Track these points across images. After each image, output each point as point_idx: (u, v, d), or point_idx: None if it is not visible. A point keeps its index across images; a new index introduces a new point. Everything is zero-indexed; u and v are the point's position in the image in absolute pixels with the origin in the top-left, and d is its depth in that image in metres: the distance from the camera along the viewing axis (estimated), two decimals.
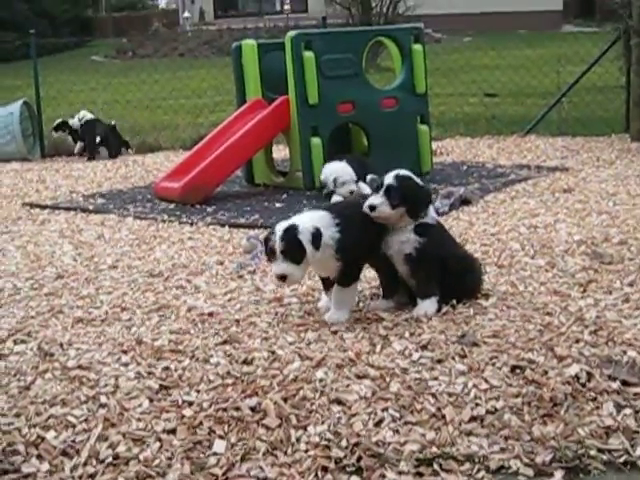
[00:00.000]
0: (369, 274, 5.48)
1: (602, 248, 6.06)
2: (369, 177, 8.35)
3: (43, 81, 14.73)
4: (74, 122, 13.00)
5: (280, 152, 10.88)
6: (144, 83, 17.92)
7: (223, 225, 7.57)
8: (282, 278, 4.71)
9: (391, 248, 4.94)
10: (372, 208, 4.88)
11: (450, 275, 4.95)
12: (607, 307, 4.91)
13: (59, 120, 13.23)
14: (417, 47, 9.40)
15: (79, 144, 13.12)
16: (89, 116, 13.09)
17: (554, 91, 13.58)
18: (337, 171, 8.34)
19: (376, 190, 4.96)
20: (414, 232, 4.90)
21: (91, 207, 8.78)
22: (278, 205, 8.41)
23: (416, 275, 4.92)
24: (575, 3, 47.44)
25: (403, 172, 5.04)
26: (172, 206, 8.56)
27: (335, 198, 8.33)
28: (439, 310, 4.90)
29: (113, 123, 13.22)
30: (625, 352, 4.29)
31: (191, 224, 7.68)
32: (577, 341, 4.45)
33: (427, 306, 4.89)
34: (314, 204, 8.24)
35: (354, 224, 4.84)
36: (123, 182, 10.50)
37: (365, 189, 8.32)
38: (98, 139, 12.89)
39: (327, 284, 5.02)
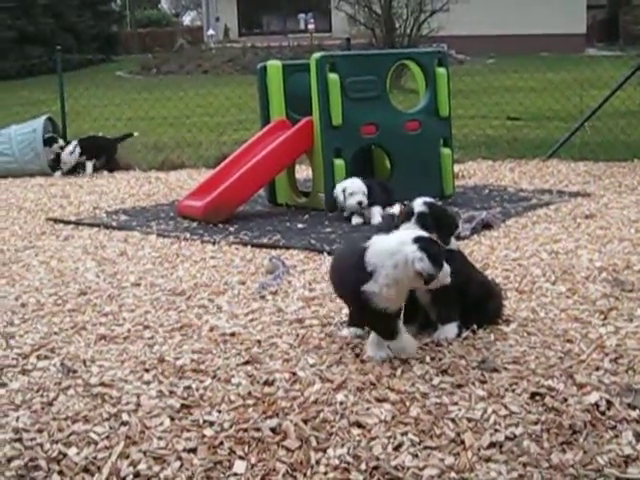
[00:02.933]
0: None
1: (623, 275, 6.05)
2: (377, 210, 8.43)
3: (68, 96, 14.86)
4: (64, 155, 13.11)
5: (302, 172, 10.93)
6: (168, 100, 18.03)
7: (245, 245, 7.60)
8: None
9: None
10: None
11: (471, 301, 4.96)
12: (628, 335, 4.90)
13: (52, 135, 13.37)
14: (441, 70, 9.44)
15: (88, 164, 13.21)
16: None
17: (577, 115, 13.60)
18: (346, 183, 8.50)
19: (406, 218, 4.98)
20: None
21: (114, 223, 8.84)
22: (300, 226, 8.44)
23: (437, 301, 4.93)
24: (599, 27, 47.48)
25: (429, 199, 5.08)
26: (195, 224, 8.61)
27: (355, 220, 8.38)
28: (459, 335, 4.91)
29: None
30: None
31: (213, 243, 7.72)
32: (597, 369, 4.45)
33: (448, 331, 4.91)
34: (336, 225, 8.29)
35: None
36: (146, 199, 10.56)
37: (376, 214, 8.38)
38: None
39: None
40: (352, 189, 8.39)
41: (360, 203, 8.34)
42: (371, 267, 4.42)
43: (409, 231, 4.66)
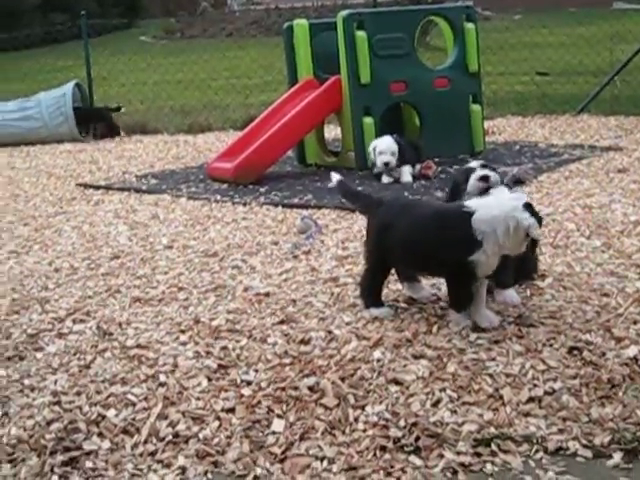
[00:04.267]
0: None
1: None
2: (407, 169, 8.41)
3: (94, 62, 14.85)
4: None
5: (331, 132, 10.88)
6: (195, 64, 18.00)
7: (276, 205, 7.59)
8: None
9: None
10: (486, 178, 4.93)
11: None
12: None
13: None
14: (469, 26, 9.33)
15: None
16: None
17: (607, 69, 13.44)
18: (377, 141, 8.44)
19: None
20: None
21: (144, 187, 8.84)
22: (330, 185, 8.37)
23: (501, 267, 4.75)
24: None
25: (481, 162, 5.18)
26: (225, 186, 8.60)
27: (385, 179, 8.34)
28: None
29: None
30: None
31: (244, 204, 7.71)
32: (635, 322, 4.42)
33: (511, 296, 4.76)
34: (366, 184, 8.25)
35: None
36: (175, 162, 10.56)
37: (406, 173, 8.33)
38: None
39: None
40: (380, 148, 8.34)
41: (387, 164, 8.28)
42: (481, 235, 4.23)
43: (513, 195, 4.55)
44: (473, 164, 5.07)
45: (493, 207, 4.27)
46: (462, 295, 4.44)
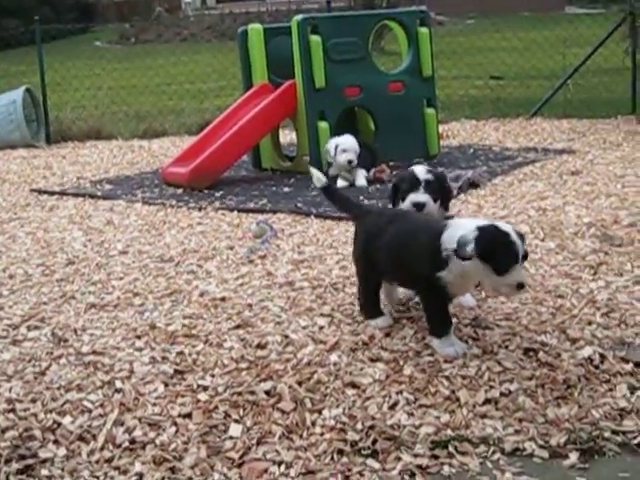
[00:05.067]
0: None
1: (612, 230, 6.06)
2: (362, 172, 8.45)
3: (48, 67, 14.70)
4: None
5: (287, 137, 10.88)
6: (149, 69, 17.94)
7: (232, 210, 7.56)
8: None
9: None
10: (421, 206, 4.87)
11: None
12: (618, 289, 4.92)
13: None
14: (423, 30, 9.37)
15: None
16: None
17: (559, 73, 13.54)
18: (339, 139, 8.44)
19: (414, 186, 4.93)
20: None
21: (99, 193, 8.78)
22: (286, 190, 8.41)
23: None
24: None
25: (425, 166, 5.12)
26: (180, 191, 8.56)
27: (340, 182, 8.34)
28: None
29: None
30: (637, 334, 4.32)
31: (200, 209, 7.68)
32: (589, 323, 4.47)
33: (469, 300, 4.80)
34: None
35: None
36: (130, 168, 10.49)
37: (360, 177, 8.34)
38: None
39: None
40: (345, 146, 8.32)
41: (350, 162, 8.28)
42: (446, 252, 4.09)
43: (482, 219, 4.42)
44: (416, 169, 5.06)
45: (462, 227, 4.11)
46: (438, 318, 4.29)
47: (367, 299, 4.66)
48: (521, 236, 4.03)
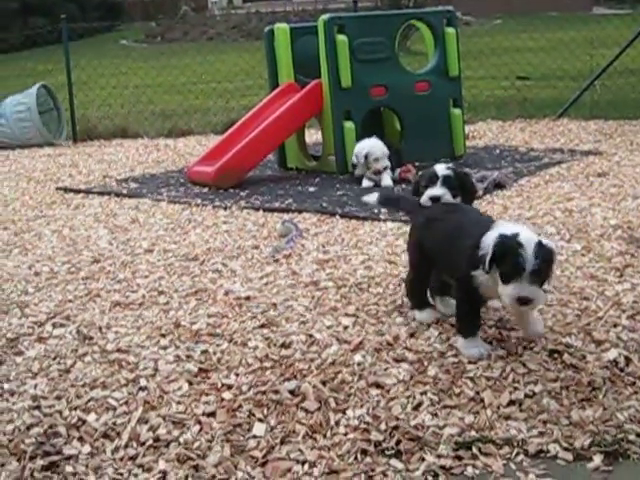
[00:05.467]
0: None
1: (638, 232, 6.02)
2: (388, 173, 8.41)
3: (74, 66, 14.78)
4: None
5: (312, 136, 10.88)
6: (175, 67, 17.99)
7: (257, 209, 7.58)
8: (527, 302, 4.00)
9: None
10: (437, 199, 4.89)
11: None
12: None
13: None
14: (450, 30, 9.37)
15: None
16: None
17: (586, 74, 13.49)
18: (369, 146, 8.40)
19: (431, 182, 4.96)
20: None
21: (125, 191, 8.81)
22: (311, 189, 8.41)
23: None
24: None
25: (449, 164, 5.16)
26: (205, 190, 8.59)
27: (365, 183, 8.34)
28: None
29: None
30: None
31: (225, 208, 7.69)
32: (615, 325, 4.44)
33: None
34: (346, 188, 8.26)
35: None
36: (155, 166, 10.52)
37: (386, 177, 8.33)
38: None
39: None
40: (377, 154, 8.31)
41: (385, 169, 8.31)
42: (483, 252, 4.03)
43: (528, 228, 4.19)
44: (437, 166, 5.09)
45: (501, 230, 4.05)
46: (466, 317, 4.28)
47: (417, 290, 4.69)
48: (543, 251, 3.91)
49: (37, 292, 5.56)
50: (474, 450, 3.50)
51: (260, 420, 3.75)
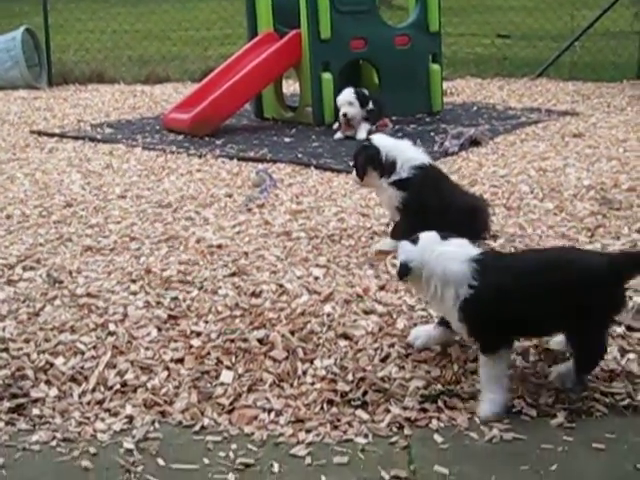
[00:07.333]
0: (379, 211, 5.54)
1: (611, 194, 6.04)
2: (365, 126, 8.37)
3: (51, 9, 14.59)
4: None
5: (290, 87, 10.82)
6: (153, 13, 17.79)
7: (232, 158, 7.55)
8: None
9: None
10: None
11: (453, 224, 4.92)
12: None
13: None
14: None
15: None
16: None
17: (567, 35, 13.45)
18: (339, 97, 8.44)
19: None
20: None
21: (99, 136, 8.75)
22: (287, 140, 8.38)
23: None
24: None
25: None
26: (181, 137, 8.54)
27: (336, 135, 8.32)
28: None
29: None
30: (631, 298, 4.29)
31: (200, 156, 7.66)
32: None
33: None
34: (322, 139, 8.24)
35: None
36: (131, 112, 10.44)
37: (362, 130, 8.29)
38: None
39: None
40: (339, 102, 8.32)
41: (345, 115, 8.26)
42: None
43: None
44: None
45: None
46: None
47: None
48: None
49: (8, 235, 5.53)
50: (439, 403, 3.53)
51: (228, 368, 3.77)
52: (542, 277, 3.51)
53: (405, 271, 3.63)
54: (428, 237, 3.71)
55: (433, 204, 4.90)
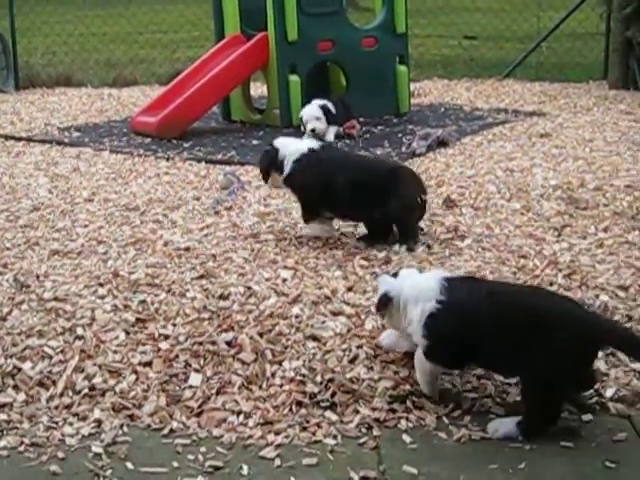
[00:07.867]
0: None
1: (577, 193, 6.08)
2: (333, 129, 8.34)
3: (17, 12, 14.51)
4: None
5: (257, 89, 10.81)
6: (121, 16, 17.70)
7: (200, 161, 7.54)
8: None
9: None
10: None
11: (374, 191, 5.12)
12: (581, 252, 4.95)
13: None
14: None
15: None
16: None
17: (534, 36, 13.53)
18: (305, 109, 8.36)
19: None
20: None
21: (66, 140, 8.71)
22: (255, 142, 8.37)
23: None
24: None
25: None
26: (148, 140, 8.51)
27: (305, 137, 8.30)
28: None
29: None
30: (597, 296, 4.35)
31: (167, 159, 7.65)
32: (551, 284, 4.49)
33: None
34: None
35: None
36: (98, 116, 10.39)
37: (330, 133, 8.28)
38: None
39: None
40: (305, 117, 8.26)
41: (313, 130, 8.23)
42: None
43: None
44: None
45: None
46: None
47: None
48: None
49: None
50: (408, 404, 3.55)
51: (196, 370, 3.77)
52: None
53: (386, 300, 3.67)
54: (407, 271, 3.88)
55: (329, 182, 5.16)
